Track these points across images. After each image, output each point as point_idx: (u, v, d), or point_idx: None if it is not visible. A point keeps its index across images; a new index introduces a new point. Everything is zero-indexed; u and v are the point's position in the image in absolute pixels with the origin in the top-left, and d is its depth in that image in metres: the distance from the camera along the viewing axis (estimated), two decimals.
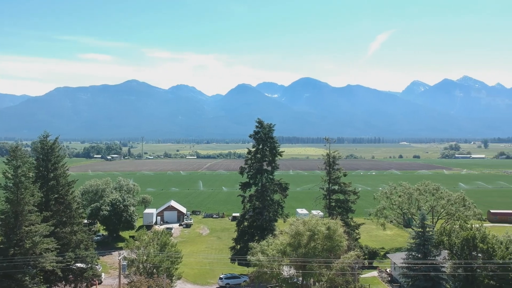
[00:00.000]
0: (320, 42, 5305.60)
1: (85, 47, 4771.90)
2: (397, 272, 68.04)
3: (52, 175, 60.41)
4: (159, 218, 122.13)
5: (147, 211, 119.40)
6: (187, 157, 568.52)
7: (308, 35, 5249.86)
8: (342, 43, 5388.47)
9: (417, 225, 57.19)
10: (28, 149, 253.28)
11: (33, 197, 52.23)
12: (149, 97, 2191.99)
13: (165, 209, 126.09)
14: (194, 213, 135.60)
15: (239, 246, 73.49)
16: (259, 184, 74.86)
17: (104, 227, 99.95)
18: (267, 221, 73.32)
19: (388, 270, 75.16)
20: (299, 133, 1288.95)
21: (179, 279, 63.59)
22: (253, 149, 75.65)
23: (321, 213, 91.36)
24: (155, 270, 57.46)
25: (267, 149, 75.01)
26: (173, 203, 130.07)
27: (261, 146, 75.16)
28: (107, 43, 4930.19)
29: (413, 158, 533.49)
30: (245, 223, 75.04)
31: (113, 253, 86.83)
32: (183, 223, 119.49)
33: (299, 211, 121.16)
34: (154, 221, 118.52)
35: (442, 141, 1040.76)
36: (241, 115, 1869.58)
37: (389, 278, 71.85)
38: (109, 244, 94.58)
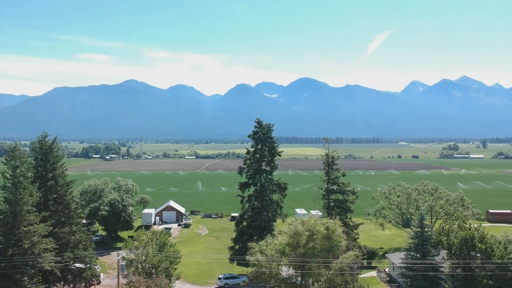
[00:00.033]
0: (319, 42, 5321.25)
1: (84, 47, 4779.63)
2: (396, 272, 68.06)
3: (50, 175, 60.37)
4: (158, 218, 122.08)
5: (145, 211, 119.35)
6: (186, 157, 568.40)
7: (307, 35, 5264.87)
8: (341, 43, 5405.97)
9: (416, 225, 57.23)
10: (27, 149, 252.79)
11: (31, 197, 52.17)
12: (148, 97, 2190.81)
13: (164, 209, 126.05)
14: (193, 213, 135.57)
15: (238, 246, 73.45)
16: (258, 184, 74.82)
17: (103, 227, 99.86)
18: (266, 221, 73.33)
19: (387, 270, 75.16)
20: (298, 133, 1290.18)
21: (178, 279, 63.64)
22: (252, 149, 75.57)
23: (320, 213, 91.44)
24: (153, 270, 57.48)
25: (266, 149, 74.95)
26: (172, 203, 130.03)
27: (260, 146, 75.10)
28: (106, 43, 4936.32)
29: (411, 158, 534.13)
30: (244, 223, 75.03)
31: (111, 253, 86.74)
32: (182, 223, 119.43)
33: (298, 211, 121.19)
34: (153, 221, 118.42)
35: (441, 141, 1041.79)
36: (240, 115, 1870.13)
37: (387, 278, 71.89)
38: (107, 244, 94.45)
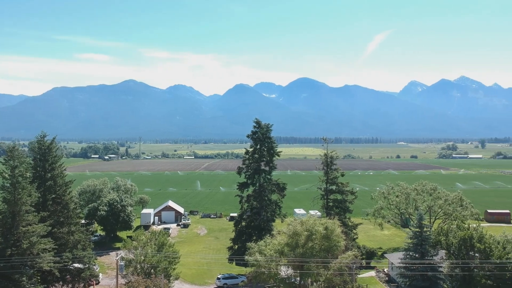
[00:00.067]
0: (318, 42, 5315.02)
1: (83, 47, 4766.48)
2: (394, 272, 68.12)
3: (49, 175, 60.30)
4: (156, 218, 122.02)
5: (144, 211, 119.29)
6: (184, 157, 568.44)
7: (306, 35, 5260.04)
8: (340, 43, 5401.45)
9: (415, 225, 57.28)
10: (26, 149, 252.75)
11: (30, 197, 52.11)
12: (146, 97, 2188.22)
13: (163, 209, 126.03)
14: (191, 213, 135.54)
15: (237, 246, 73.41)
16: (257, 184, 74.79)
17: (102, 227, 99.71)
18: (265, 221, 73.32)
19: (385, 270, 75.23)
20: (297, 133, 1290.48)
21: (176, 279, 63.67)
22: (251, 149, 75.55)
23: (318, 213, 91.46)
24: (152, 270, 57.46)
25: (265, 149, 74.96)
26: (170, 203, 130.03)
27: (258, 146, 75.09)
28: (105, 43, 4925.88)
29: (410, 158, 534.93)
30: (243, 223, 75.00)
31: (110, 253, 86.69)
32: (180, 223, 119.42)
33: (296, 211, 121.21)
34: (151, 221, 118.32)
35: (440, 141, 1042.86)
36: (239, 115, 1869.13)
37: (386, 278, 71.95)
38: (106, 244, 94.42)
